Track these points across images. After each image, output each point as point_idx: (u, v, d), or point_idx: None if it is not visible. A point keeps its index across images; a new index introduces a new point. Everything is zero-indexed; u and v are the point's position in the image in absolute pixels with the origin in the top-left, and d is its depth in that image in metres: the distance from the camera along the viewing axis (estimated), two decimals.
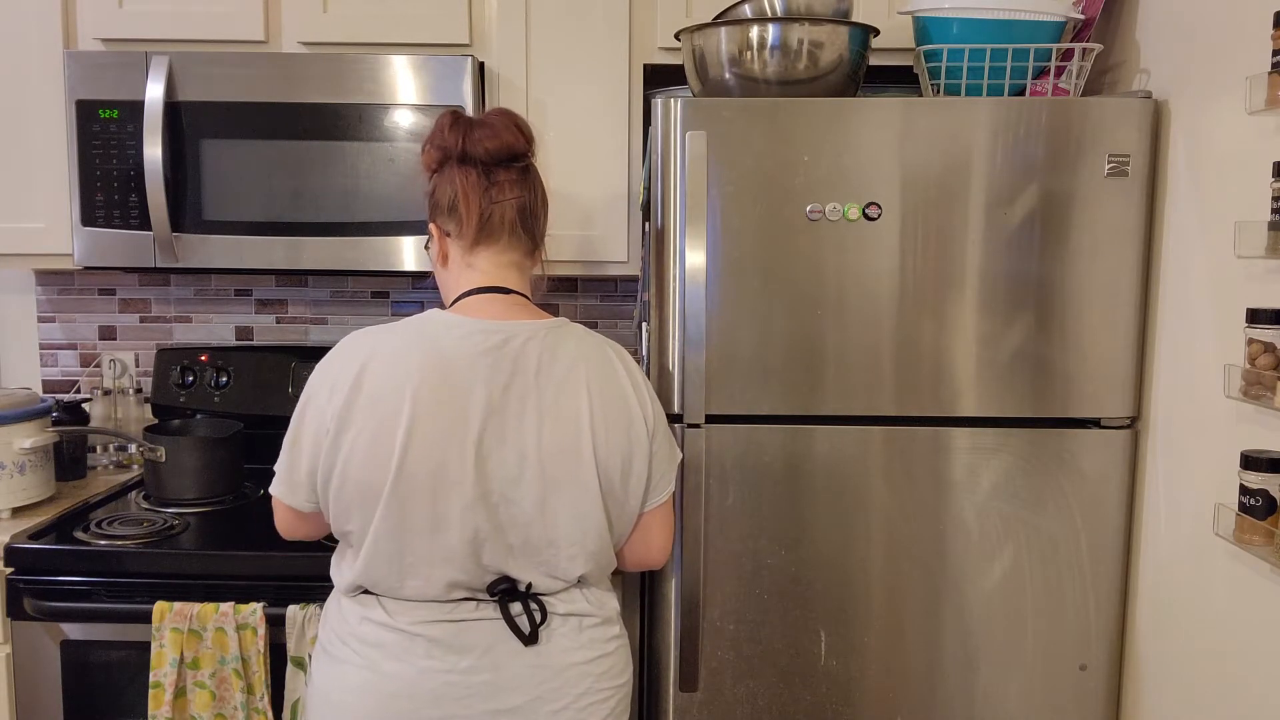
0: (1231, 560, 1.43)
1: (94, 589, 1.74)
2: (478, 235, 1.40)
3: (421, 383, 1.29)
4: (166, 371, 2.26)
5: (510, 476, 1.31)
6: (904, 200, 1.61)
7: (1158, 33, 1.66)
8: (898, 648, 1.69)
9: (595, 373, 1.37)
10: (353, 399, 1.29)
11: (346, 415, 1.29)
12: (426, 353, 1.31)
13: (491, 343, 1.33)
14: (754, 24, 1.65)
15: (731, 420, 1.65)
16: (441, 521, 1.30)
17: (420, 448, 1.28)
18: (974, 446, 1.66)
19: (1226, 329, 1.44)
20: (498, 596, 1.34)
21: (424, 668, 1.32)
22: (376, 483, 1.29)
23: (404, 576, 1.32)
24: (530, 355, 1.34)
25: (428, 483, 1.29)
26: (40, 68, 2.00)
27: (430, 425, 1.28)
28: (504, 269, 1.42)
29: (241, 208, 1.94)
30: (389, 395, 1.29)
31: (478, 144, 1.38)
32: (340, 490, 1.31)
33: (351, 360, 1.32)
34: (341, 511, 1.33)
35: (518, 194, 1.41)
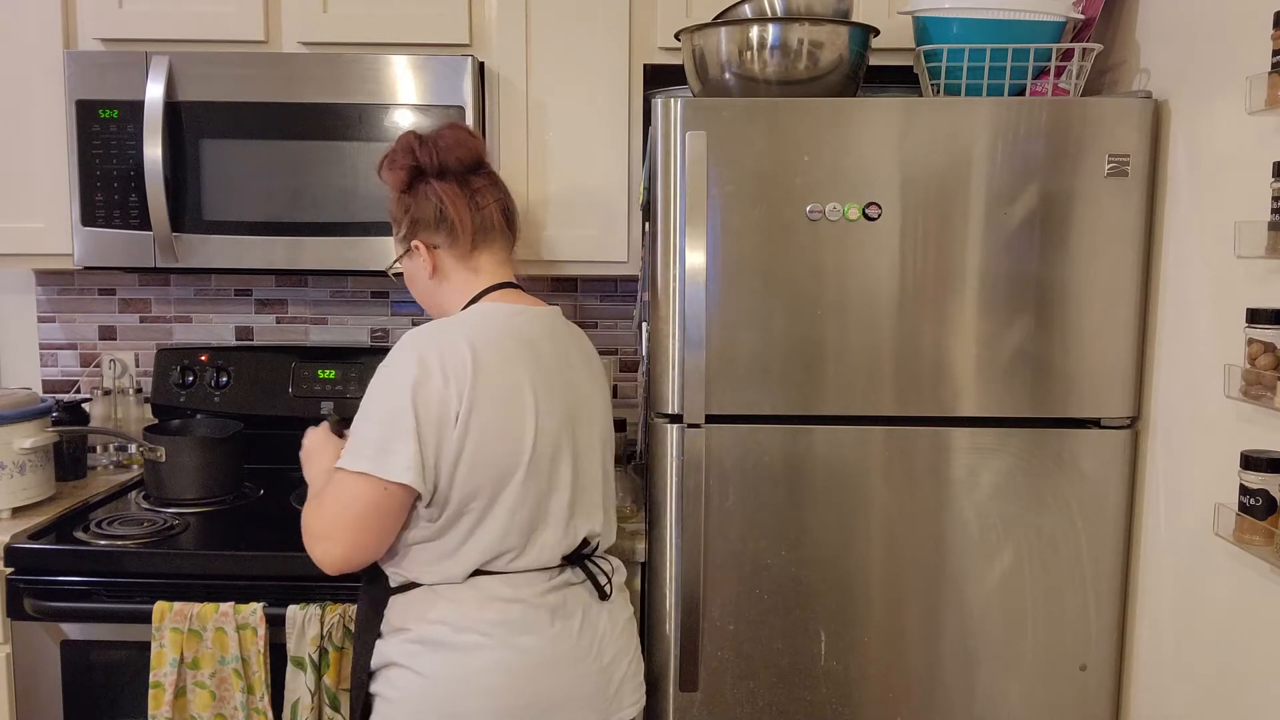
0: (1231, 560, 1.43)
1: (94, 589, 1.74)
2: (475, 240, 1.49)
3: (531, 366, 1.41)
4: (166, 371, 2.26)
5: (587, 441, 1.48)
6: (904, 200, 1.61)
7: (1158, 33, 1.66)
8: (898, 648, 1.69)
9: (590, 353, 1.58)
10: (476, 381, 1.36)
11: (476, 392, 1.35)
12: (519, 339, 1.42)
13: (548, 325, 1.48)
14: (754, 24, 1.65)
15: (731, 420, 1.65)
16: (560, 482, 1.44)
17: (545, 419, 1.41)
18: (974, 446, 1.66)
19: (1226, 329, 1.44)
20: (575, 559, 1.47)
21: (551, 635, 1.41)
22: (512, 456, 1.38)
23: (532, 541, 1.42)
24: (559, 334, 1.50)
25: (550, 450, 1.42)
26: (40, 68, 2.00)
27: (546, 397, 1.42)
28: (502, 266, 1.54)
29: (241, 208, 1.94)
30: (508, 379, 1.38)
31: (450, 156, 1.47)
32: (472, 469, 1.36)
33: (456, 346, 1.37)
34: (469, 491, 1.37)
35: (496, 196, 1.52)
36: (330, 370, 2.24)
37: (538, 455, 1.40)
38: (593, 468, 1.50)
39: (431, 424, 1.34)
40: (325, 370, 2.24)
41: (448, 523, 1.39)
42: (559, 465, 1.44)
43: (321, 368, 2.25)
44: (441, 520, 1.39)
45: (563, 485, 1.44)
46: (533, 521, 1.41)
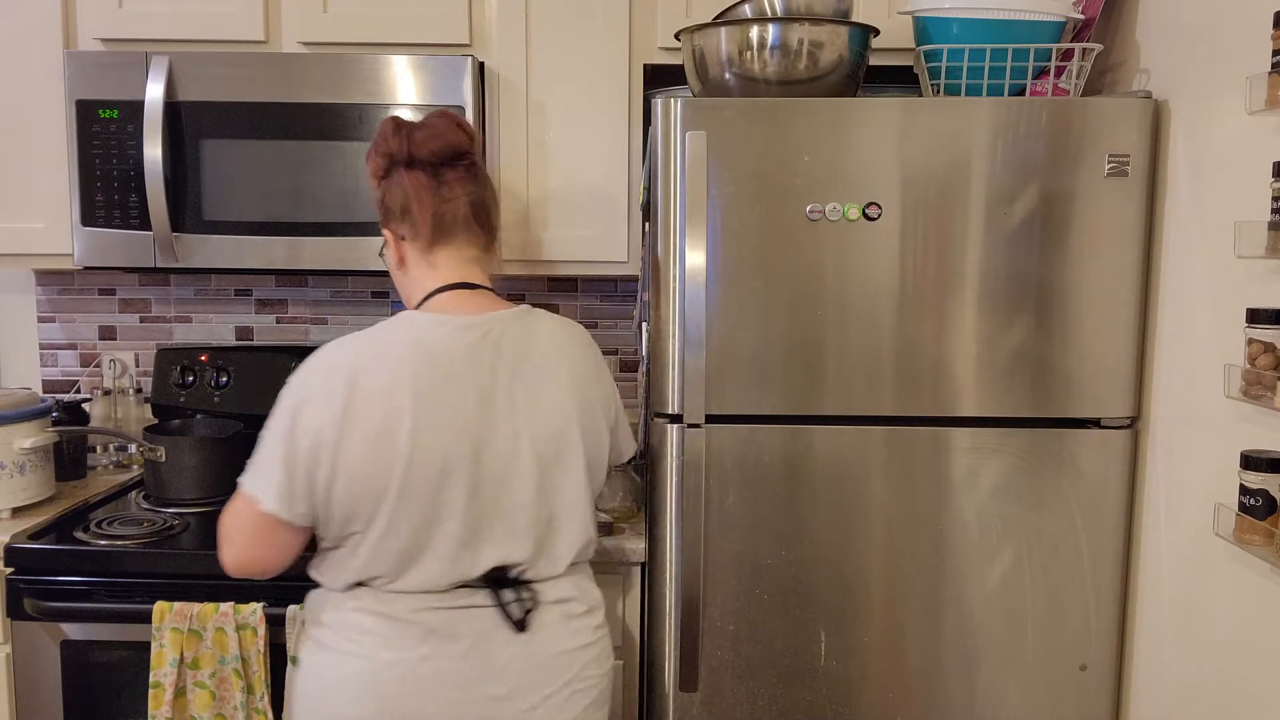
0: (1231, 560, 1.43)
1: (94, 589, 1.74)
2: (434, 235, 1.43)
3: (417, 386, 1.32)
4: (166, 371, 2.26)
5: (507, 463, 1.36)
6: (904, 200, 1.61)
7: (1158, 33, 1.66)
8: (898, 648, 1.69)
9: (568, 352, 1.44)
10: (350, 403, 1.31)
11: (349, 419, 1.31)
12: (417, 351, 1.34)
13: (474, 336, 1.37)
14: (754, 24, 1.65)
15: (731, 420, 1.65)
16: (443, 515, 1.34)
17: (425, 449, 1.31)
18: (974, 446, 1.66)
19: (1226, 329, 1.44)
20: (490, 584, 1.37)
21: (421, 654, 1.34)
22: (383, 481, 1.31)
23: (404, 570, 1.35)
24: (509, 343, 1.39)
25: (433, 479, 1.32)
26: (40, 68, 2.00)
27: (432, 425, 1.32)
28: (465, 265, 1.46)
29: (241, 208, 1.94)
30: (388, 395, 1.31)
31: (422, 146, 1.40)
32: (346, 493, 1.32)
33: (339, 367, 1.33)
34: (346, 514, 1.34)
35: (468, 190, 1.44)
36: None
37: (411, 483, 1.31)
38: (517, 490, 1.37)
39: (304, 451, 1.32)
40: None
41: (335, 542, 1.38)
42: (445, 493, 1.33)
43: None
44: (329, 539, 1.39)
45: (451, 514, 1.34)
46: (409, 551, 1.34)
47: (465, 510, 1.34)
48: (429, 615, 1.35)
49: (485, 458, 1.35)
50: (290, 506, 1.34)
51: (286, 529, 1.36)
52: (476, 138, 1.47)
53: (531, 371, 1.40)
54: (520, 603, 1.38)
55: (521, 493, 1.37)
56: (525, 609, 1.38)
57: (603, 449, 1.48)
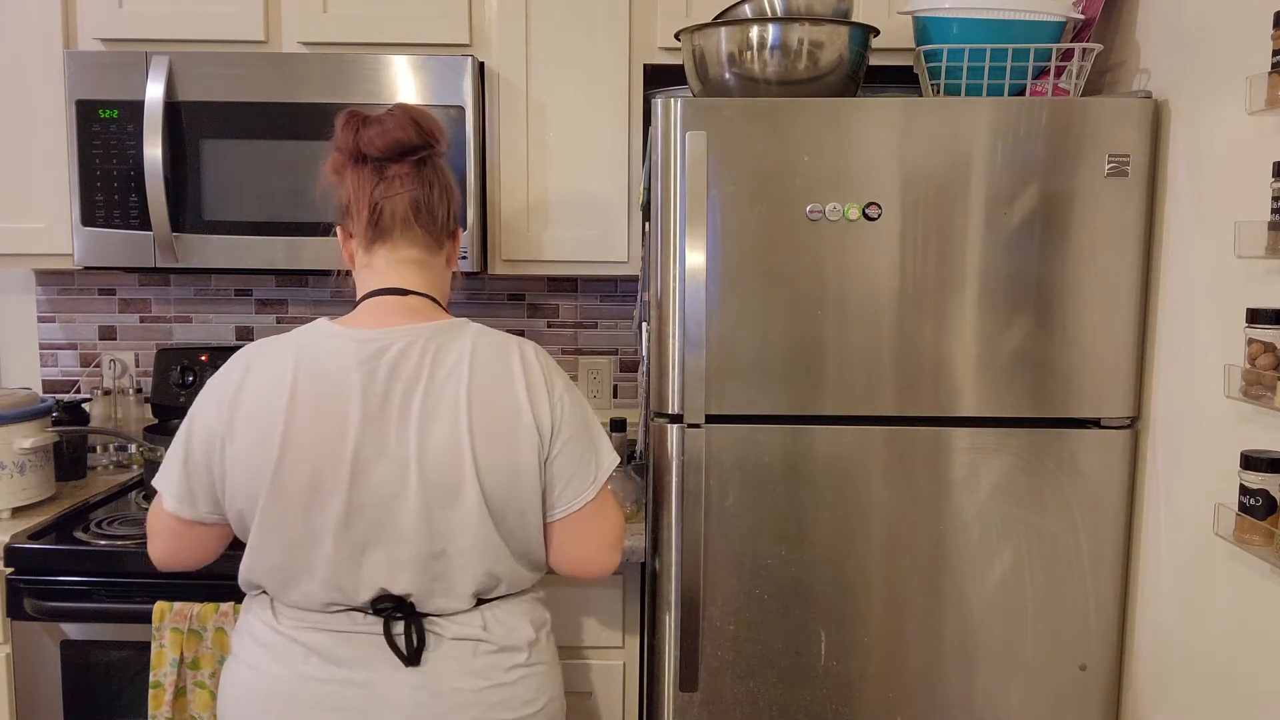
0: (1231, 560, 1.43)
1: (94, 589, 1.74)
2: (370, 232, 1.37)
3: (294, 395, 1.27)
4: (166, 371, 2.26)
5: (391, 490, 1.27)
6: (904, 200, 1.61)
7: (1158, 33, 1.66)
8: (898, 648, 1.69)
9: (480, 376, 1.30)
10: (234, 410, 1.29)
11: (230, 427, 1.29)
12: (302, 365, 1.29)
13: (367, 352, 1.29)
14: (754, 24, 1.65)
15: (731, 420, 1.65)
16: (317, 535, 1.28)
17: (294, 461, 1.26)
18: (974, 446, 1.66)
19: (1226, 329, 1.44)
20: (382, 614, 1.30)
21: (302, 673, 1.30)
22: (255, 493, 1.28)
23: (284, 585, 1.32)
24: (409, 362, 1.29)
25: (301, 496, 1.27)
26: (40, 68, 2.00)
27: (304, 438, 1.26)
28: (401, 266, 1.38)
29: (241, 208, 1.94)
30: (265, 407, 1.28)
31: (370, 142, 1.34)
32: (232, 500, 1.31)
33: (232, 373, 1.33)
34: (238, 519, 1.33)
35: (409, 188, 1.36)
36: None
37: (280, 493, 1.27)
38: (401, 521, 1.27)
39: (199, 451, 1.32)
40: None
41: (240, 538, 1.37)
42: (317, 511, 1.27)
43: None
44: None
45: (324, 535, 1.27)
46: (286, 567, 1.30)
47: (338, 535, 1.27)
48: (312, 635, 1.31)
49: (366, 482, 1.27)
50: (192, 505, 1.34)
51: (197, 526, 1.35)
52: (437, 134, 1.38)
53: (429, 396, 1.28)
54: (408, 636, 1.30)
55: (405, 525, 1.28)
56: (413, 643, 1.30)
57: (521, 488, 1.31)
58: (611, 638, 1.84)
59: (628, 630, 1.84)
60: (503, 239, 2.04)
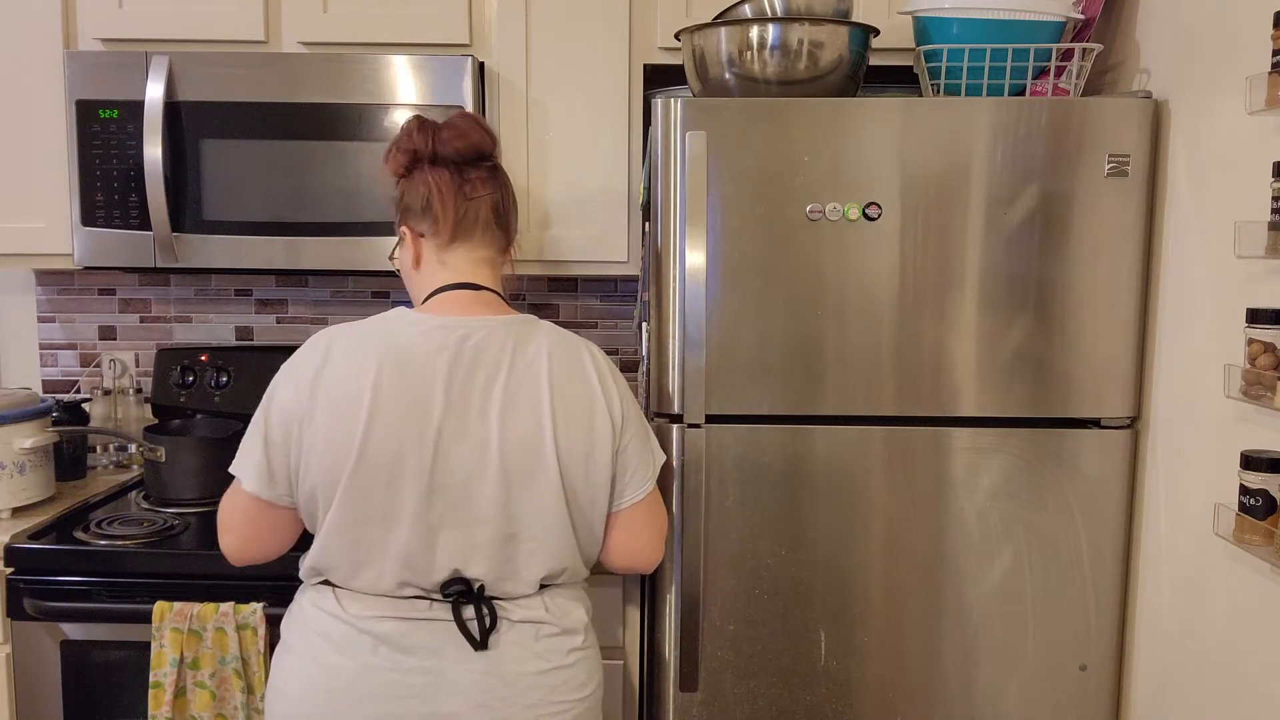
0: (1231, 560, 1.43)
1: (94, 589, 1.74)
2: (454, 232, 1.41)
3: (380, 376, 1.30)
4: (166, 371, 2.26)
5: (471, 471, 1.31)
6: (904, 200, 1.61)
7: (1158, 33, 1.66)
8: (898, 648, 1.69)
9: (558, 366, 1.36)
10: (315, 390, 1.31)
11: (311, 406, 1.31)
12: (385, 347, 1.32)
13: (452, 338, 1.34)
14: (754, 24, 1.65)
15: (731, 420, 1.65)
16: (396, 514, 1.31)
17: (379, 439, 1.29)
18: (974, 446, 1.66)
19: (1226, 329, 1.44)
20: (451, 597, 1.33)
21: (367, 664, 1.31)
22: (336, 472, 1.30)
23: (357, 568, 1.33)
24: (491, 350, 1.34)
25: (384, 474, 1.30)
26: (40, 68, 2.00)
27: (389, 417, 1.30)
28: (477, 265, 1.44)
29: (241, 208, 1.94)
30: (349, 387, 1.30)
31: (448, 144, 1.40)
32: (305, 480, 1.32)
33: (313, 354, 1.34)
34: (308, 502, 1.34)
35: (490, 190, 1.44)
36: None
37: (361, 473, 1.29)
38: (479, 503, 1.31)
39: (277, 429, 1.33)
40: None
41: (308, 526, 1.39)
42: (397, 492, 1.30)
43: None
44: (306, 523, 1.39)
45: (402, 516, 1.30)
46: (360, 547, 1.32)
47: (417, 515, 1.30)
48: (384, 623, 1.32)
49: (446, 464, 1.30)
50: (270, 485, 1.35)
51: (274, 511, 1.37)
52: (499, 140, 1.47)
53: (511, 382, 1.33)
54: (480, 619, 1.33)
55: (483, 507, 1.31)
56: (485, 626, 1.32)
57: (594, 474, 1.37)
58: (611, 638, 1.84)
59: (628, 630, 1.84)
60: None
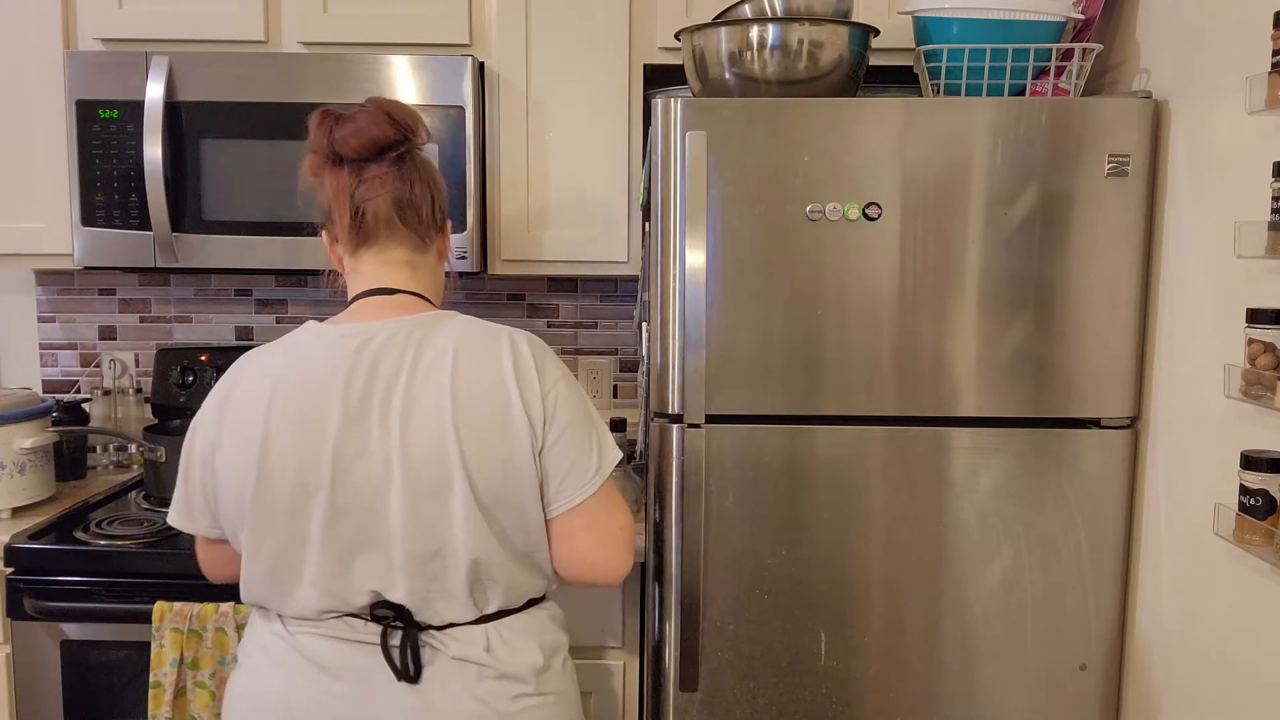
0: (1231, 560, 1.43)
1: (94, 589, 1.74)
2: (354, 237, 1.32)
3: (275, 395, 1.23)
4: (166, 371, 2.26)
5: (376, 487, 1.21)
6: (904, 200, 1.61)
7: (1158, 33, 1.66)
8: (898, 648, 1.69)
9: (464, 364, 1.23)
10: (222, 417, 1.26)
11: (218, 435, 1.25)
12: (286, 364, 1.25)
13: (348, 347, 1.24)
14: (754, 24, 1.65)
15: (731, 420, 1.65)
16: (304, 538, 1.23)
17: (276, 461, 1.22)
18: (974, 446, 1.66)
19: (1226, 329, 1.44)
20: (380, 621, 1.24)
21: (296, 684, 1.24)
22: (242, 500, 1.24)
23: (282, 596, 1.26)
24: (391, 355, 1.24)
25: (286, 498, 1.22)
26: (40, 68, 2.00)
27: (286, 438, 1.22)
28: (389, 268, 1.33)
29: (241, 208, 1.94)
30: (250, 410, 1.24)
31: (344, 142, 1.28)
32: (225, 510, 1.27)
33: (224, 381, 1.29)
34: (229, 533, 1.29)
35: (391, 188, 1.30)
36: None
37: (264, 500, 1.22)
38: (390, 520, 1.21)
39: (195, 465, 1.28)
40: None
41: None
42: (303, 515, 1.21)
43: None
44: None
45: (310, 539, 1.22)
46: (278, 574, 1.24)
47: (326, 535, 1.22)
48: (309, 641, 1.25)
49: (348, 482, 1.21)
50: (190, 520, 1.31)
51: (209, 544, 1.34)
52: (414, 126, 1.32)
53: (411, 388, 1.22)
54: (404, 647, 1.23)
55: (393, 524, 1.21)
56: (412, 656, 1.23)
57: (516, 479, 1.24)
58: (612, 638, 1.84)
59: (628, 630, 1.84)
60: (502, 239, 2.04)
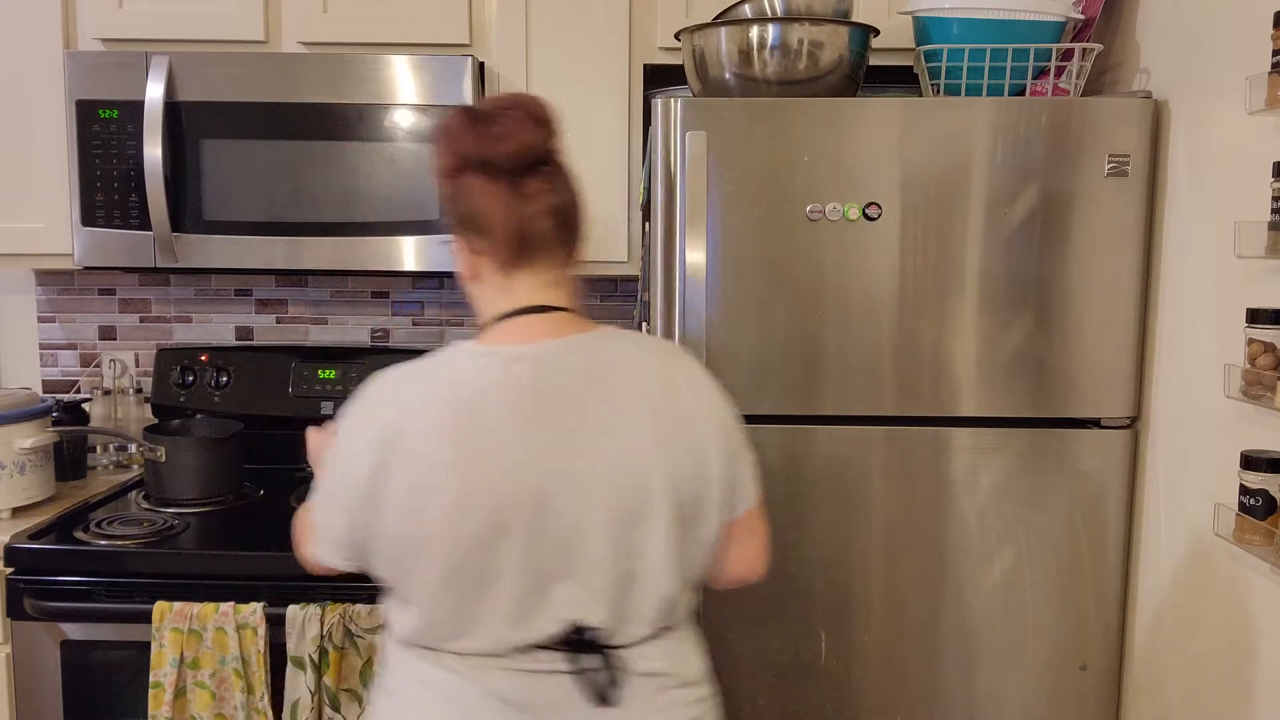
0: (1231, 560, 1.43)
1: (94, 589, 1.74)
2: (512, 256, 1.20)
3: (455, 430, 1.13)
4: (166, 371, 2.26)
5: (577, 515, 1.14)
6: (904, 200, 1.61)
7: (1158, 33, 1.66)
8: (898, 648, 1.69)
9: (650, 383, 1.19)
10: (388, 451, 1.14)
11: (384, 468, 1.14)
12: (454, 394, 1.15)
13: (525, 372, 1.16)
14: (754, 24, 1.65)
15: None
16: (496, 574, 1.14)
17: (469, 500, 1.12)
18: (974, 446, 1.66)
19: (1226, 329, 1.44)
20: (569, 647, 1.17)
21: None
22: (424, 538, 1.13)
23: (460, 634, 1.16)
24: (573, 377, 1.17)
25: (480, 534, 1.13)
26: (40, 68, 2.00)
27: (477, 477, 1.13)
28: (545, 288, 1.23)
29: (241, 208, 1.94)
30: (428, 449, 1.13)
31: (496, 147, 1.17)
32: (389, 548, 1.16)
33: (380, 409, 1.17)
34: (392, 570, 1.18)
35: (549, 203, 1.20)
36: (330, 370, 2.24)
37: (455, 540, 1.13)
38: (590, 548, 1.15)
39: (344, 500, 1.17)
40: (325, 370, 2.24)
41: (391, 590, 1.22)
42: (499, 551, 1.13)
43: (322, 368, 2.25)
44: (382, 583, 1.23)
45: (507, 573, 1.14)
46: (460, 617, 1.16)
47: (523, 570, 1.14)
48: (497, 677, 1.16)
49: (550, 511, 1.13)
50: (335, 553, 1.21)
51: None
52: (558, 128, 1.22)
53: (602, 410, 1.16)
54: (606, 672, 1.16)
55: (595, 551, 1.15)
56: (610, 680, 1.17)
57: (707, 490, 1.20)
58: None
59: None
60: None
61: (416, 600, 1.16)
